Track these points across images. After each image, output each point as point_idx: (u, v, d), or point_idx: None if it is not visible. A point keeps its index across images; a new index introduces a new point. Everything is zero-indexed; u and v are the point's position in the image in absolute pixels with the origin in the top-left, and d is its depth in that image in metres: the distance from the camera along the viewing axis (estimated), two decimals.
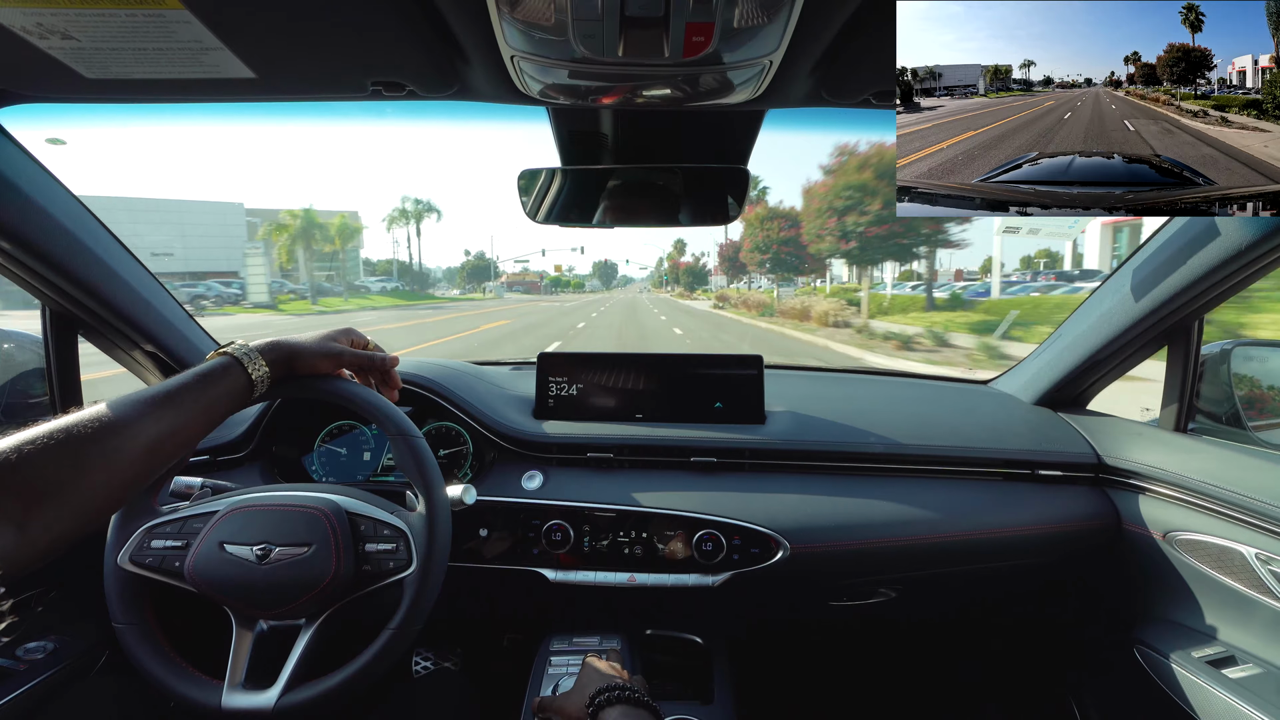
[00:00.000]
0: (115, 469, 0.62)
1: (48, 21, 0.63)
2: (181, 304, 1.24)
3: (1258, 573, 0.89)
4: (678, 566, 1.07)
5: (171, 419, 0.67)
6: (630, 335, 15.85)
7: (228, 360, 0.75)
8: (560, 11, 0.58)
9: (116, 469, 0.62)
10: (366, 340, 0.90)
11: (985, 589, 1.27)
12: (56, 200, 0.96)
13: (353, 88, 0.80)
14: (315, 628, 0.82)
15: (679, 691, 1.09)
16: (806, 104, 0.83)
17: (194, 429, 0.70)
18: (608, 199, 1.11)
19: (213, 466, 1.17)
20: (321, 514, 0.82)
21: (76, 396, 1.16)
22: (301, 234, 33.98)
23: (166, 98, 0.83)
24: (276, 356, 0.79)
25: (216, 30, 0.65)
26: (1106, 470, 1.13)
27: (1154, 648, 0.99)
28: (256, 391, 0.77)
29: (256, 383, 0.76)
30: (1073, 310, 1.26)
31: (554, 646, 1.11)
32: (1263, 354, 1.22)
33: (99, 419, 0.62)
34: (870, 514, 1.08)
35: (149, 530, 0.84)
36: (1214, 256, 0.95)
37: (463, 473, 1.22)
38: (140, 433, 0.64)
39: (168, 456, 0.68)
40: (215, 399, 0.72)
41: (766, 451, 1.16)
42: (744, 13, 0.58)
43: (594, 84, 0.74)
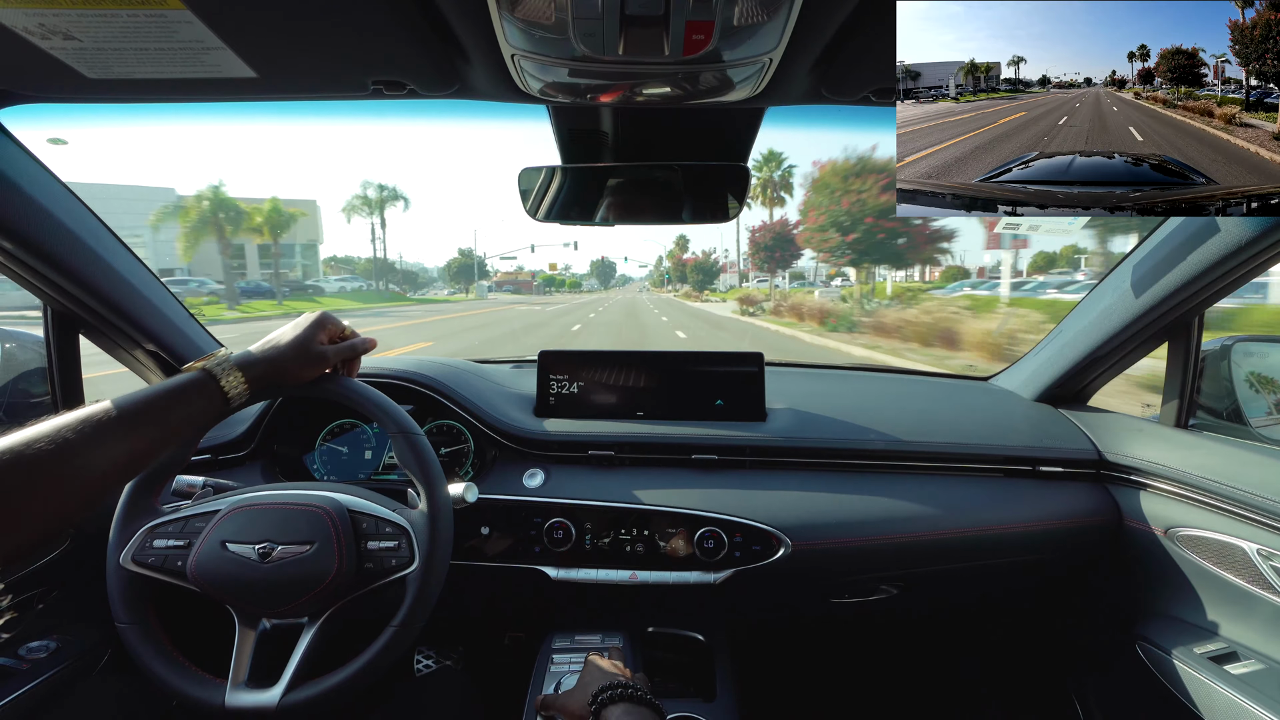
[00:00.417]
0: (70, 491, 0.59)
1: (50, 22, 0.63)
2: (183, 303, 1.24)
3: (1259, 568, 0.89)
4: (679, 564, 1.07)
5: (135, 440, 0.65)
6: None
7: (200, 376, 0.73)
8: (561, 10, 0.58)
9: (71, 492, 0.59)
10: (344, 328, 0.88)
11: (986, 585, 1.27)
12: (58, 200, 0.96)
13: (353, 87, 0.80)
14: (318, 626, 0.82)
15: (681, 689, 1.09)
16: (806, 101, 0.83)
17: (159, 449, 0.68)
18: (608, 197, 1.11)
19: (214, 465, 1.17)
20: (323, 512, 0.82)
21: (78, 396, 1.16)
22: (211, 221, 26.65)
23: (168, 97, 0.84)
24: (256, 371, 0.77)
25: (218, 30, 0.65)
26: (1107, 466, 1.13)
27: (1155, 644, 0.99)
28: (233, 405, 0.75)
29: (232, 398, 0.74)
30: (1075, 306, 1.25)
31: (556, 644, 1.11)
32: (1263, 349, 1.23)
33: (58, 439, 0.59)
34: (871, 511, 1.08)
35: (151, 530, 0.84)
36: (1214, 252, 0.95)
37: (464, 471, 1.23)
38: (100, 456, 0.61)
39: (130, 477, 0.65)
40: (184, 418, 0.70)
41: (768, 449, 1.16)
42: (744, 11, 0.58)
43: (594, 82, 0.74)
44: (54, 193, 0.96)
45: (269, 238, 29.21)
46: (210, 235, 26.68)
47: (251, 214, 28.21)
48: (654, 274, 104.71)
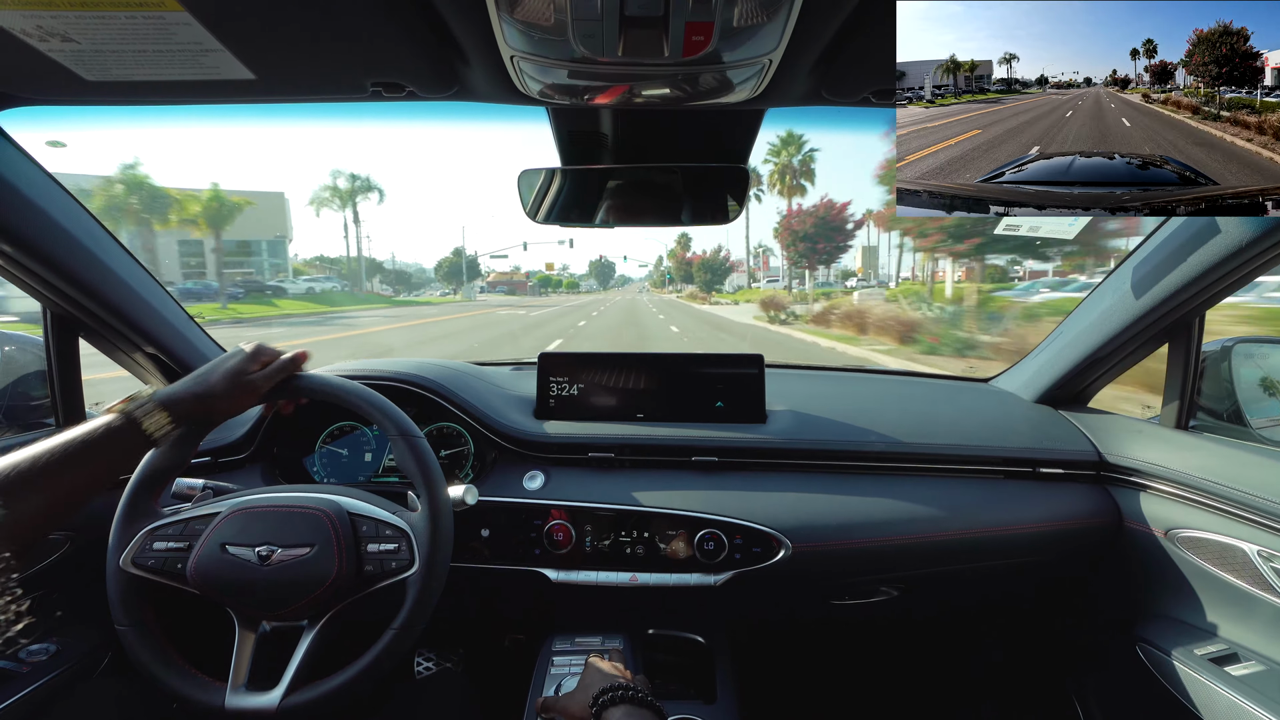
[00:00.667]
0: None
1: (48, 24, 0.63)
2: (183, 306, 1.24)
3: (1260, 570, 0.89)
4: (680, 566, 1.07)
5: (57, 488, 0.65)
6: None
7: (119, 420, 0.72)
8: (560, 11, 0.58)
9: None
10: (277, 354, 0.87)
11: (987, 587, 1.27)
12: (57, 203, 0.96)
13: (352, 88, 0.80)
14: (318, 629, 0.82)
15: (682, 691, 1.09)
16: (806, 103, 0.83)
17: (86, 494, 0.68)
18: (608, 199, 1.11)
19: (214, 468, 1.17)
20: (323, 515, 0.82)
21: (78, 399, 1.16)
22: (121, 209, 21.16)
23: (166, 100, 0.83)
24: (182, 408, 0.76)
25: (216, 32, 0.65)
26: (1108, 468, 1.13)
27: (1156, 645, 0.99)
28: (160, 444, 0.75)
29: (157, 439, 0.74)
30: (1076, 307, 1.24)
31: (556, 646, 1.11)
32: (1263, 351, 1.22)
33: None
34: (871, 513, 1.08)
35: (151, 532, 0.84)
36: (1215, 253, 0.95)
37: (464, 473, 1.22)
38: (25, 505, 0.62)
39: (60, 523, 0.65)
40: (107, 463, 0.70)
41: (768, 450, 1.16)
42: (743, 12, 0.58)
43: (594, 84, 0.74)
44: (53, 195, 0.96)
45: (206, 231, 24.13)
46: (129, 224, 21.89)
47: (185, 203, 23.13)
48: (654, 274, 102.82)
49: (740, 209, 1.07)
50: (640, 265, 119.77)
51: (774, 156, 34.86)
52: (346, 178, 40.17)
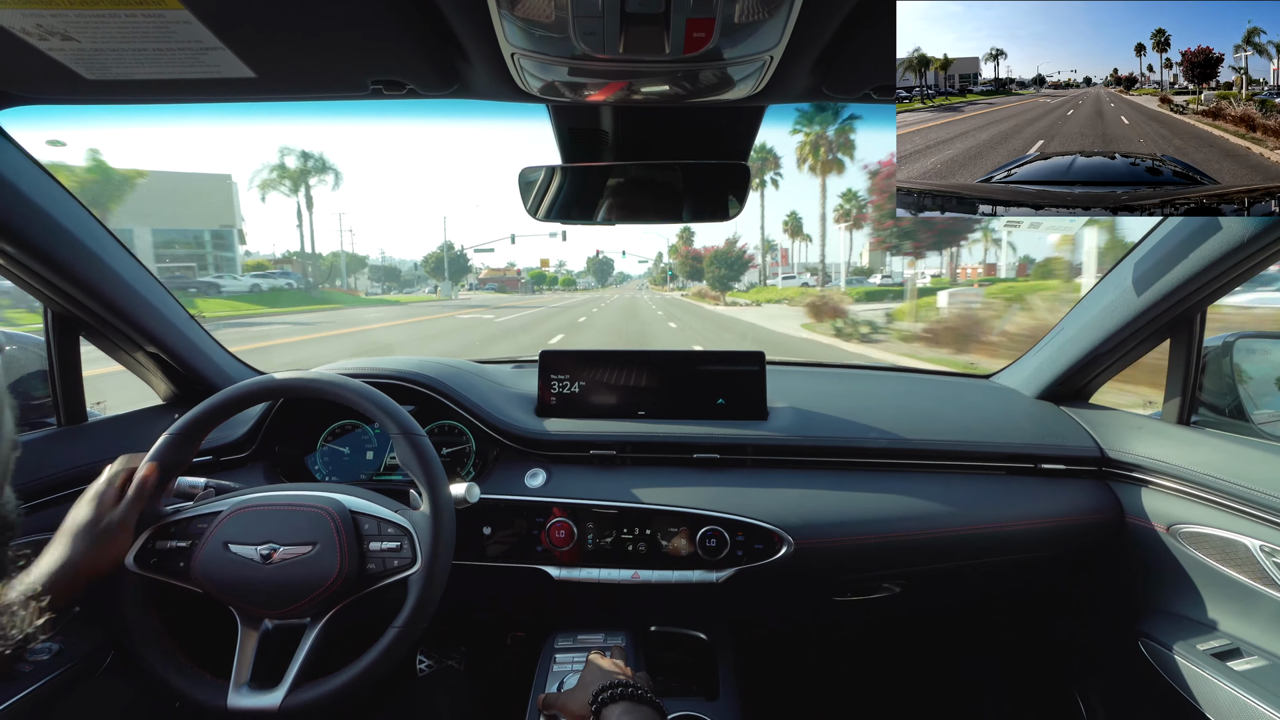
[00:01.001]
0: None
1: (48, 23, 0.63)
2: (184, 305, 1.24)
3: (1262, 565, 0.89)
4: (681, 563, 1.07)
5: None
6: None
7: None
8: (560, 9, 0.58)
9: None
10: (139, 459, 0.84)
11: (988, 583, 1.27)
12: (57, 202, 0.96)
13: (353, 87, 0.80)
14: (320, 627, 0.82)
15: (683, 688, 1.09)
16: (807, 99, 0.83)
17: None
18: (608, 196, 1.10)
19: (216, 467, 1.17)
20: (325, 513, 0.82)
21: (79, 399, 1.16)
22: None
23: (167, 98, 0.83)
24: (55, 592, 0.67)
25: (216, 30, 0.65)
26: (1109, 463, 1.13)
27: (1158, 640, 0.99)
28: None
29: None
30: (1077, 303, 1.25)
31: (558, 644, 1.11)
32: (1265, 346, 1.22)
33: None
34: (873, 509, 1.08)
35: (154, 531, 0.84)
36: (1216, 249, 0.94)
37: (466, 471, 1.22)
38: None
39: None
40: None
41: (769, 447, 1.16)
42: (744, 8, 0.58)
43: (594, 81, 0.74)
44: (53, 195, 0.96)
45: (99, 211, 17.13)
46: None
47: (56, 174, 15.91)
48: (654, 271, 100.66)
49: (741, 206, 1.07)
50: (640, 261, 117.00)
51: (804, 125, 30.44)
52: (296, 156, 33.16)
